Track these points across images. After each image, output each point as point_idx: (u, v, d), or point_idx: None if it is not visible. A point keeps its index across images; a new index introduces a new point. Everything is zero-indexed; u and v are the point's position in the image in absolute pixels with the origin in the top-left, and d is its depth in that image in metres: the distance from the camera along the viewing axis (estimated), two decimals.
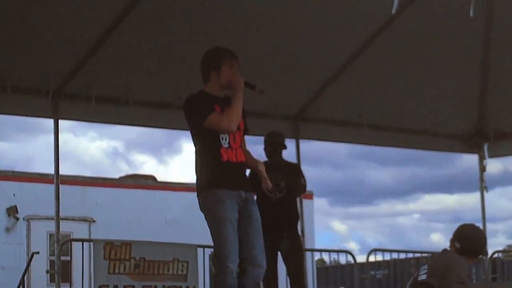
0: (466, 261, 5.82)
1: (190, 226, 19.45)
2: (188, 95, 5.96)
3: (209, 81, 5.98)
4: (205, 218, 5.83)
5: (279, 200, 8.52)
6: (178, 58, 8.82)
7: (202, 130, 5.83)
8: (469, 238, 5.89)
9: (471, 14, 6.51)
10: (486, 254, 10.23)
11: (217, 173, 5.78)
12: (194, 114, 5.84)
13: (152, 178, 21.80)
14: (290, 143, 10.21)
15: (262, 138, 8.99)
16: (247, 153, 6.06)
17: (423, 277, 5.78)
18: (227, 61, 5.95)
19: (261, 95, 6.05)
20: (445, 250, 5.95)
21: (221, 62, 5.94)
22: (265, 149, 8.93)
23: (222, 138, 5.81)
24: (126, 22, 8.10)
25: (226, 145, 5.82)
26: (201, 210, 5.86)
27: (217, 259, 5.73)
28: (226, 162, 5.79)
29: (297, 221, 8.72)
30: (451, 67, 10.21)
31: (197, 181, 5.90)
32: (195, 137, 5.94)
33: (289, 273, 8.65)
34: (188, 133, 6.08)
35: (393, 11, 7.41)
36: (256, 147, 8.28)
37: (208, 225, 5.81)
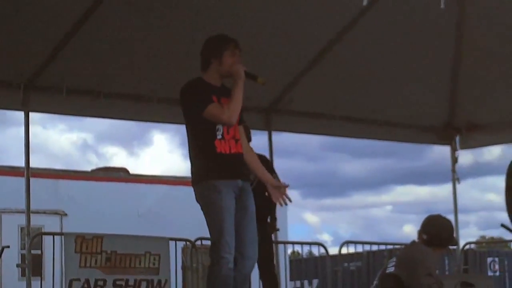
0: (433, 252, 5.93)
1: (162, 219, 19.57)
2: (186, 82, 5.87)
3: (208, 69, 5.90)
4: (202, 208, 5.80)
5: None
6: (151, 49, 8.84)
7: (198, 120, 5.76)
8: (435, 229, 6.00)
9: (442, 5, 6.60)
10: (456, 244, 10.36)
11: (212, 165, 5.75)
12: (192, 102, 5.78)
13: (125, 170, 21.82)
14: (262, 135, 10.29)
15: None
16: (252, 157, 6.05)
17: (391, 269, 5.89)
18: (230, 49, 5.89)
19: (263, 85, 6.04)
20: (413, 242, 6.06)
21: (223, 49, 5.87)
22: None
23: (217, 130, 5.77)
24: (98, 11, 8.10)
25: (220, 137, 5.77)
26: (197, 200, 5.83)
27: (213, 250, 5.70)
28: (220, 154, 5.75)
29: (268, 213, 8.78)
30: (423, 58, 10.29)
31: (192, 171, 5.88)
32: (190, 127, 5.88)
33: (259, 265, 8.72)
34: (159, 125, 6.14)
35: (364, 2, 7.52)
36: None
37: (205, 216, 5.78)
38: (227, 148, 5.81)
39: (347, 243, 12.09)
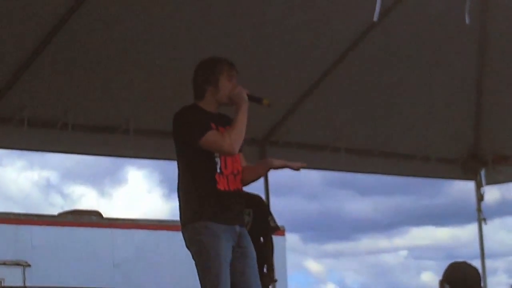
0: None
1: (142, 269, 19.50)
2: (180, 108, 5.85)
3: (204, 97, 5.90)
4: (193, 254, 5.74)
5: None
6: (127, 72, 8.83)
7: (195, 151, 5.73)
8: (460, 279, 5.95)
9: (467, 21, 6.66)
10: None
11: (211, 204, 5.71)
12: (188, 129, 5.75)
13: (97, 214, 21.80)
14: None
15: None
16: (246, 168, 6.01)
17: None
18: (225, 72, 5.89)
19: (269, 107, 6.08)
20: None
21: (218, 74, 5.87)
22: None
23: (216, 163, 5.74)
24: (62, 33, 8.09)
25: (218, 171, 5.74)
26: (187, 244, 5.77)
27: None
28: (220, 190, 5.72)
29: (263, 262, 8.77)
30: (442, 80, 10.31)
31: (181, 210, 5.83)
32: (184, 160, 5.84)
33: None
34: (135, 160, 6.07)
35: (375, 18, 7.55)
36: None
37: (196, 265, 5.71)
38: (226, 184, 5.78)
39: None
